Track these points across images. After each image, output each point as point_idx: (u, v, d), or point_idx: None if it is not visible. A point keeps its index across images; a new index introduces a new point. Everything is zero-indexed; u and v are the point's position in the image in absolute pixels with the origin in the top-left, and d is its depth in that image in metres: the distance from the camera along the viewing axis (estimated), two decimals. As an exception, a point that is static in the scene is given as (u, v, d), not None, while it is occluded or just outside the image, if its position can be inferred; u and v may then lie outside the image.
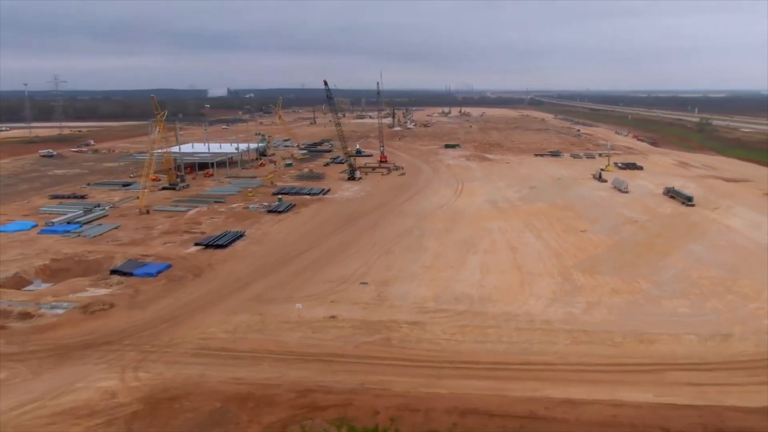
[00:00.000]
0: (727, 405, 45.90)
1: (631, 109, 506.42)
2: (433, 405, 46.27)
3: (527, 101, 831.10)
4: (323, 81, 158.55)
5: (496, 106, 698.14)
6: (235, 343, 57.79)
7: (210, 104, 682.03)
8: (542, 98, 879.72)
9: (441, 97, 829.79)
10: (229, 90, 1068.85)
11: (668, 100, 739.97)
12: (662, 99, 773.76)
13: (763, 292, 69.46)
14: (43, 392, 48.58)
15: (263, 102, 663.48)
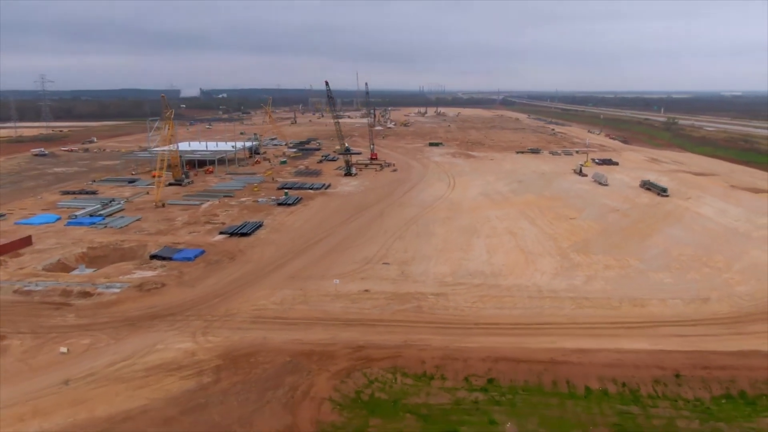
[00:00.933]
0: (709, 350, 55.94)
1: (599, 110, 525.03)
2: (469, 355, 55.18)
3: (499, 101, 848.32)
4: (325, 82, 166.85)
5: (469, 107, 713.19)
6: (285, 312, 65.81)
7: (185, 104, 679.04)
8: (514, 99, 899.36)
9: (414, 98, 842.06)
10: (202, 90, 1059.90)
11: (634, 100, 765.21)
12: (628, 100, 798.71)
13: (733, 266, 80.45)
14: (131, 353, 55.93)
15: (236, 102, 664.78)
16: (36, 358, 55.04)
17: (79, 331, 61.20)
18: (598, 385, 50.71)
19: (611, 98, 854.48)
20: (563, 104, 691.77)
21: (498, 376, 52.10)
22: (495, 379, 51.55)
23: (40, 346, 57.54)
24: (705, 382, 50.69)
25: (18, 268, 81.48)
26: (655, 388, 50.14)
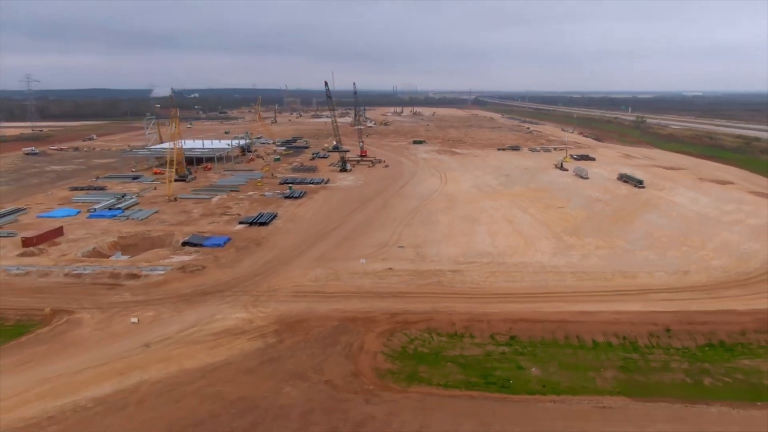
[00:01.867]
0: (693, 310, 66.12)
1: (570, 109, 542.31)
2: (492, 318, 64.28)
3: (471, 101, 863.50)
4: (324, 82, 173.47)
5: (442, 106, 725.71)
6: (322, 287, 73.99)
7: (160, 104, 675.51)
8: (486, 98, 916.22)
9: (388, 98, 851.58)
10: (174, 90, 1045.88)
11: (600, 100, 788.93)
12: (596, 100, 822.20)
13: (707, 245, 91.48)
14: (194, 322, 63.47)
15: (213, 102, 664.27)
16: (111, 328, 62.13)
17: (140, 306, 68.25)
18: (603, 338, 60.29)
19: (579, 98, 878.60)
20: (534, 104, 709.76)
21: (518, 333, 61.25)
22: (516, 336, 60.68)
23: (110, 318, 64.56)
24: (690, 335, 60.71)
25: (60, 255, 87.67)
26: (650, 339, 59.94)
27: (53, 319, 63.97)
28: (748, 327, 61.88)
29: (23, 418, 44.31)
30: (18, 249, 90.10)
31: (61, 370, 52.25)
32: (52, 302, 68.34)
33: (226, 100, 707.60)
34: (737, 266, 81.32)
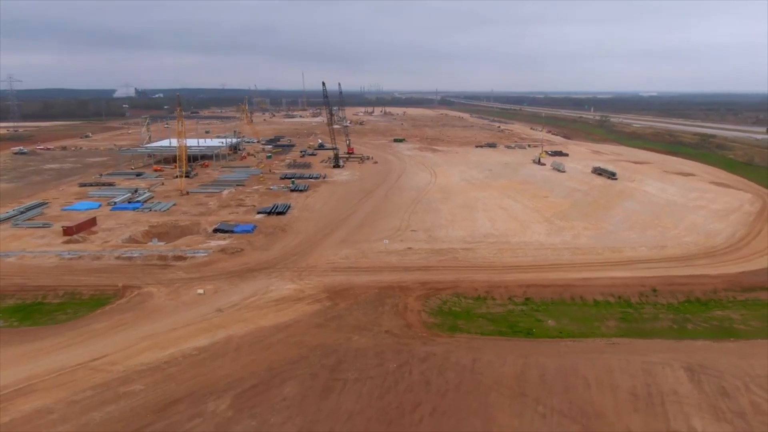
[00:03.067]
0: (672, 275, 78.90)
1: (536, 109, 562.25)
2: (508, 284, 75.69)
3: (438, 101, 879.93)
4: (322, 82, 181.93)
5: (409, 106, 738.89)
6: (354, 264, 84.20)
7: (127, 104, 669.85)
8: (452, 98, 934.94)
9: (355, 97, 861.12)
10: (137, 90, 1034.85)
11: (562, 100, 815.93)
12: (558, 100, 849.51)
13: (679, 225, 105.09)
14: (253, 292, 72.93)
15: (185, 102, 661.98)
16: (180, 298, 71.10)
17: (197, 281, 77.20)
18: (602, 298, 72.37)
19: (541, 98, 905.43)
20: (499, 104, 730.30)
21: (532, 295, 72.79)
22: (530, 298, 72.19)
23: (176, 291, 73.45)
24: (673, 293, 73.31)
25: (103, 242, 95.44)
26: (641, 298, 72.27)
27: (125, 293, 72.40)
28: (718, 287, 74.93)
29: (142, 363, 53.38)
30: (59, 237, 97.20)
31: (155, 330, 61.24)
32: (115, 280, 76.59)
33: (192, 100, 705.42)
34: (705, 242, 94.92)
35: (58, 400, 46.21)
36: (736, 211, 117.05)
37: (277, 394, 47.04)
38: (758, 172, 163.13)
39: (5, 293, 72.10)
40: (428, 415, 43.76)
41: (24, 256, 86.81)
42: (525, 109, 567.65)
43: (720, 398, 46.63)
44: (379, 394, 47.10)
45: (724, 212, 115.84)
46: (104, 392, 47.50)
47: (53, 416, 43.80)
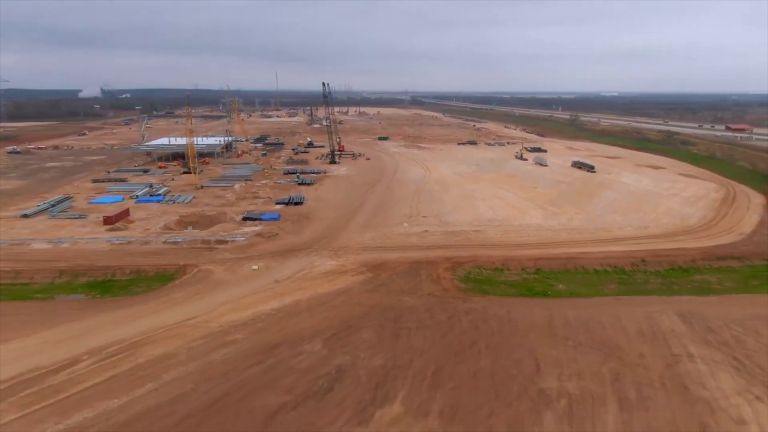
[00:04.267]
0: (657, 248, 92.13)
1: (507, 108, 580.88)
2: (520, 258, 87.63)
3: (408, 101, 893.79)
4: (323, 83, 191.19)
5: (380, 106, 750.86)
6: (381, 244, 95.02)
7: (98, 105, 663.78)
8: (422, 98, 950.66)
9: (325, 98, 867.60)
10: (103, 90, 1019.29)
11: (529, 100, 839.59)
12: (525, 99, 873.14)
13: (657, 210, 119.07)
14: (300, 267, 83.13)
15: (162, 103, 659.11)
16: (237, 274, 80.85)
17: (245, 260, 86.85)
18: (600, 267, 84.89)
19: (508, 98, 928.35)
20: (469, 103, 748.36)
21: (541, 266, 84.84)
22: (540, 268, 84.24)
23: (231, 268, 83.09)
24: (659, 263, 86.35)
25: (144, 229, 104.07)
26: (633, 267, 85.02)
27: (187, 270, 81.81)
28: (696, 257, 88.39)
29: (231, 321, 63.29)
30: (100, 226, 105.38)
31: (228, 297, 71.06)
32: (172, 260, 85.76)
33: (165, 100, 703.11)
34: (681, 223, 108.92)
35: (178, 347, 55.96)
36: (704, 198, 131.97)
37: (357, 338, 57.72)
38: (720, 165, 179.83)
39: (76, 272, 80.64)
40: (484, 349, 55.11)
41: (77, 242, 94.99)
42: (496, 109, 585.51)
43: (708, 333, 59.26)
44: (439, 336, 58.25)
45: (693, 199, 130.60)
46: (213, 341, 57.40)
47: (180, 357, 53.57)
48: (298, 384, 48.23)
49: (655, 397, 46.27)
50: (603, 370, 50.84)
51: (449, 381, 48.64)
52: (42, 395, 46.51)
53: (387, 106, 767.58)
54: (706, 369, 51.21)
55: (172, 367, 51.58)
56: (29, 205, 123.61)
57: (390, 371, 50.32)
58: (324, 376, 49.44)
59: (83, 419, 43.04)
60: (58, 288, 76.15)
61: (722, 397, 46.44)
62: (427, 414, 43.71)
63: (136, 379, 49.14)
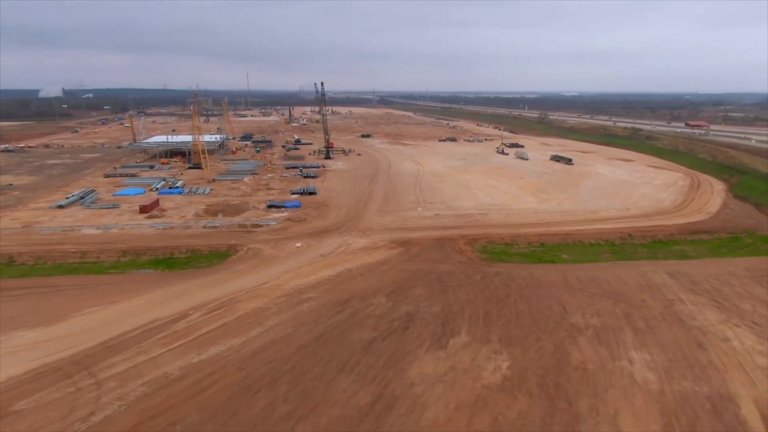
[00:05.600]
0: (640, 226, 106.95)
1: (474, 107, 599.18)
2: (525, 234, 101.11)
3: (377, 101, 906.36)
4: (320, 83, 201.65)
5: (349, 105, 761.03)
6: (401, 226, 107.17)
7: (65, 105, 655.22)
8: (391, 98, 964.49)
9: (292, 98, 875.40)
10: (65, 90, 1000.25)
11: (494, 100, 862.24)
12: (490, 99, 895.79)
13: (634, 195, 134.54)
14: (337, 245, 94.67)
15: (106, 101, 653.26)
16: (284, 250, 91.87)
17: (285, 240, 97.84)
18: (594, 241, 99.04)
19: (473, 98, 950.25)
20: (437, 103, 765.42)
21: (545, 241, 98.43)
22: (544, 243, 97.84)
23: (276, 246, 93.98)
24: (643, 237, 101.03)
25: (180, 216, 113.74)
26: (621, 240, 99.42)
27: (238, 249, 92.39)
28: (674, 232, 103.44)
29: (299, 285, 74.47)
30: (137, 214, 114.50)
31: (286, 268, 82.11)
32: (219, 241, 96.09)
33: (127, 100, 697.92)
34: (657, 205, 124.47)
35: (265, 303, 67.09)
36: (673, 186, 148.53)
37: (412, 294, 69.88)
38: (683, 157, 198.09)
39: (137, 252, 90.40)
40: (518, 299, 67.99)
41: (124, 228, 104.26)
42: (464, 108, 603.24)
43: (692, 285, 73.55)
44: (479, 291, 70.88)
45: (664, 186, 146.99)
46: (292, 298, 68.70)
47: (272, 310, 64.79)
48: (379, 325, 60.09)
49: (659, 326, 59.90)
50: (616, 310, 64.28)
51: (498, 319, 61.29)
52: (174, 337, 57.17)
53: (356, 105, 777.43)
54: (694, 308, 65.19)
55: (269, 316, 62.73)
56: (55, 197, 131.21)
57: (449, 315, 62.65)
58: (398, 319, 61.42)
59: (218, 352, 53.98)
60: (126, 265, 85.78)
61: (709, 324, 60.36)
62: (489, 341, 56.21)
63: (244, 325, 60.16)
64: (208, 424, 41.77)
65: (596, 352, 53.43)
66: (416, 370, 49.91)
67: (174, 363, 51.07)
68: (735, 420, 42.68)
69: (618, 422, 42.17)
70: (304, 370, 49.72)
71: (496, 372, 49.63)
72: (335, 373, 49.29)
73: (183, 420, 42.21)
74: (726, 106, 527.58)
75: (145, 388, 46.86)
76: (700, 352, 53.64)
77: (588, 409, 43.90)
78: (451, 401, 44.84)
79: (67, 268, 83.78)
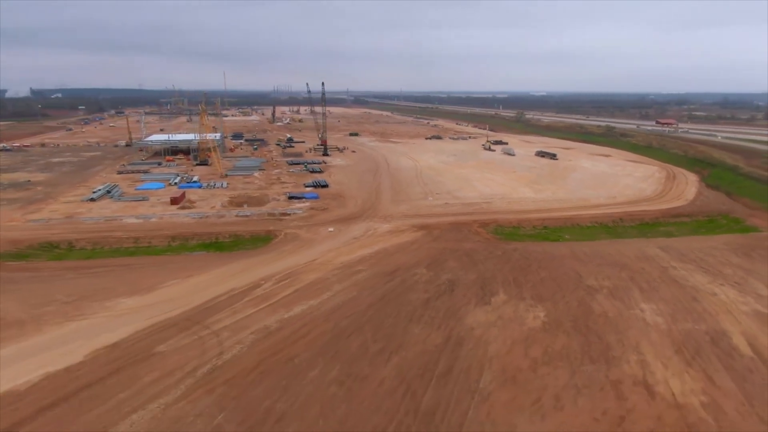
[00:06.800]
0: (628, 211, 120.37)
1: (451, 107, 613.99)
2: (529, 219, 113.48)
3: (351, 101, 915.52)
4: (321, 83, 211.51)
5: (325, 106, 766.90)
6: (416, 213, 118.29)
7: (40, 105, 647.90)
8: (364, 98, 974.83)
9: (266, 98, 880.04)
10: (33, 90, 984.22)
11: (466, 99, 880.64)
12: (462, 99, 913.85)
13: (618, 186, 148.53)
14: (365, 230, 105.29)
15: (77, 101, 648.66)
16: (319, 234, 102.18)
17: (316, 226, 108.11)
18: (590, 224, 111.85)
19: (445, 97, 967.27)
20: (412, 102, 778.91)
21: (547, 225, 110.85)
22: (547, 226, 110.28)
23: (310, 230, 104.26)
24: (632, 220, 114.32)
25: (210, 206, 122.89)
26: (613, 223, 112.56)
27: (277, 234, 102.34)
28: (658, 216, 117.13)
29: (345, 261, 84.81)
30: (168, 206, 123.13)
31: (326, 248, 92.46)
32: (255, 228, 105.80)
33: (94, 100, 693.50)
34: (640, 194, 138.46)
35: (324, 274, 77.48)
36: (651, 177, 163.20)
37: (447, 266, 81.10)
38: (656, 153, 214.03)
39: (185, 237, 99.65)
40: (538, 268, 79.81)
41: (163, 217, 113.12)
42: (440, 108, 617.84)
43: (680, 256, 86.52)
44: (503, 262, 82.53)
45: (643, 178, 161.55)
46: (345, 270, 79.27)
47: (332, 280, 75.27)
48: (428, 288, 71.20)
49: (659, 285, 72.42)
50: (621, 275, 76.68)
51: (526, 283, 73.05)
52: (258, 301, 67.28)
53: (332, 105, 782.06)
54: (685, 273, 78.00)
55: (332, 284, 73.24)
56: (79, 192, 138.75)
57: (484, 280, 74.12)
58: (442, 284, 72.60)
59: (302, 310, 64.34)
60: (178, 248, 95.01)
61: (699, 284, 73.15)
62: (524, 298, 67.85)
63: (314, 291, 70.57)
64: (318, 358, 52.24)
65: (612, 305, 65.50)
66: (471, 319, 61.17)
67: (269, 318, 61.30)
68: (729, 346, 55.05)
69: (640, 350, 54.11)
70: (380, 321, 60.51)
71: (536, 319, 61.21)
72: (406, 323, 60.18)
73: (297, 356, 52.61)
74: (689, 106, 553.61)
75: (254, 336, 57.00)
76: (695, 303, 66.15)
77: (615, 342, 55.78)
78: (507, 339, 56.25)
79: (125, 251, 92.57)
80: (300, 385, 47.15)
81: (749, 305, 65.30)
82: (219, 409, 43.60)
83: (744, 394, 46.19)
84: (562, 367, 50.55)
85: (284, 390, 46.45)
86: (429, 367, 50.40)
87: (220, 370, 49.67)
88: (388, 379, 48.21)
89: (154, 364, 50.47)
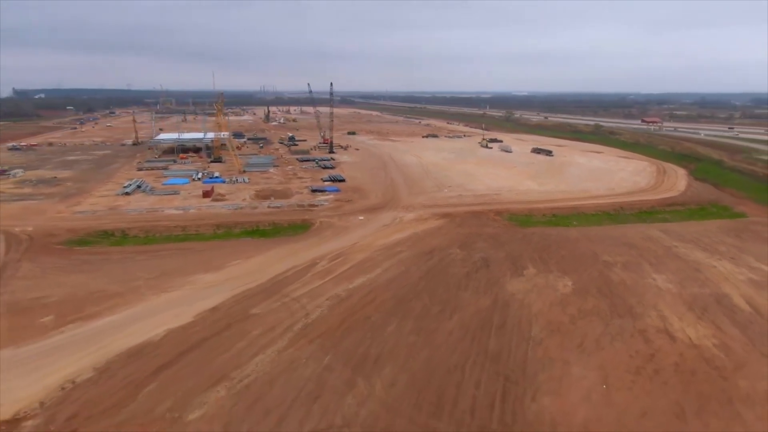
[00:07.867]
0: (626, 201, 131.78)
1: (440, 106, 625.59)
2: (539, 208, 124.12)
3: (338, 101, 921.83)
4: (330, 83, 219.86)
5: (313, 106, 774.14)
6: (435, 204, 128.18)
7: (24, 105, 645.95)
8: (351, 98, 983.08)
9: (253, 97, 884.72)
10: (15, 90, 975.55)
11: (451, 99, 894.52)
12: (447, 99, 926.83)
13: (614, 179, 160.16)
14: (392, 218, 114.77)
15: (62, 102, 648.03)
16: (352, 222, 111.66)
17: (345, 215, 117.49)
18: (594, 212, 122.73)
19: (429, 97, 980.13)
20: (400, 102, 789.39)
21: (556, 213, 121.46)
22: (556, 214, 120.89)
23: (341, 219, 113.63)
24: (631, 208, 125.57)
25: (241, 199, 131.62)
26: (615, 211, 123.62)
27: (312, 222, 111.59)
28: (655, 205, 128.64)
29: (384, 244, 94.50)
30: (201, 198, 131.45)
31: (364, 233, 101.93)
32: (290, 218, 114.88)
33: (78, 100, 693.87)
34: (635, 186, 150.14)
35: (369, 254, 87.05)
36: (643, 171, 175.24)
37: (477, 246, 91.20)
38: (644, 149, 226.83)
39: (228, 225, 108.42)
40: (558, 247, 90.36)
41: (201, 208, 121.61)
42: (428, 108, 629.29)
43: (680, 237, 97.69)
44: (526, 243, 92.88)
45: (636, 172, 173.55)
46: (388, 251, 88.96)
47: (378, 259, 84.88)
48: (466, 264, 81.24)
49: (666, 260, 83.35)
50: (632, 252, 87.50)
51: (550, 260, 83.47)
52: (321, 275, 76.67)
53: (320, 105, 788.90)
54: (686, 250, 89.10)
55: (380, 262, 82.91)
56: (108, 187, 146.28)
57: (514, 258, 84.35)
58: (478, 261, 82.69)
59: (362, 282, 73.90)
60: (224, 235, 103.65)
61: (700, 259, 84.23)
62: (551, 271, 78.24)
63: (367, 267, 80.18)
64: (390, 318, 61.94)
65: (629, 276, 76.17)
66: (511, 287, 71.34)
67: (337, 288, 70.82)
68: (731, 304, 65.93)
69: (658, 308, 64.74)
70: (433, 289, 70.38)
71: (565, 287, 71.60)
72: (456, 291, 70.12)
73: (372, 316, 62.28)
74: (670, 105, 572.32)
75: (329, 301, 66.49)
76: (698, 273, 77.13)
77: (636, 302, 66.34)
78: (545, 301, 66.51)
79: (176, 238, 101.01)
80: (383, 337, 56.77)
81: (744, 275, 76.40)
82: (324, 354, 53.09)
83: (747, 338, 56.90)
84: (596, 321, 60.86)
85: (372, 340, 56.05)
86: (486, 322, 60.35)
87: (312, 327, 59.07)
88: (455, 331, 58.07)
89: (255, 322, 59.72)
